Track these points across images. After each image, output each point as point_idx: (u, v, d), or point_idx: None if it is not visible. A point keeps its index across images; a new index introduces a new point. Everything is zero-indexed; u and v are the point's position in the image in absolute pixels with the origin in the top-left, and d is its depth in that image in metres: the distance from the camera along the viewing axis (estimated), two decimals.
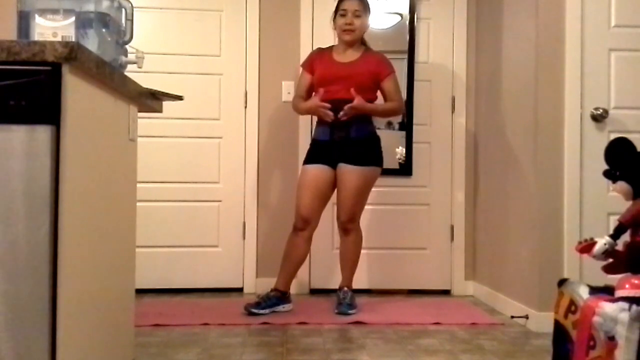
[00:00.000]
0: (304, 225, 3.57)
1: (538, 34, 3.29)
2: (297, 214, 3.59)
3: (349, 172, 3.55)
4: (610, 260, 2.22)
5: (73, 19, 2.05)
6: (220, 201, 4.21)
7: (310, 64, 3.74)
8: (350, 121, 3.51)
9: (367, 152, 3.59)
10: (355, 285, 3.76)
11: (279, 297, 3.56)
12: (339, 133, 3.55)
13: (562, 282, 2.35)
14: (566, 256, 3.23)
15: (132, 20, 2.37)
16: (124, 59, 2.33)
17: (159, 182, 4.13)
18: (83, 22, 2.07)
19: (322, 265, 4.19)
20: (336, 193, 3.63)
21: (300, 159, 3.92)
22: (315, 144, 3.68)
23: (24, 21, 2.08)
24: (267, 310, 3.48)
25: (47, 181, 1.57)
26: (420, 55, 4.30)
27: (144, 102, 2.35)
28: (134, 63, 2.39)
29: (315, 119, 3.85)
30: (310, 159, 3.65)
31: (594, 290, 2.19)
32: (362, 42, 3.74)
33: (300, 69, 3.82)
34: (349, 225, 3.63)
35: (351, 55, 3.67)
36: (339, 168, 3.58)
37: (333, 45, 3.79)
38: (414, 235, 4.29)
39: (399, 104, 3.68)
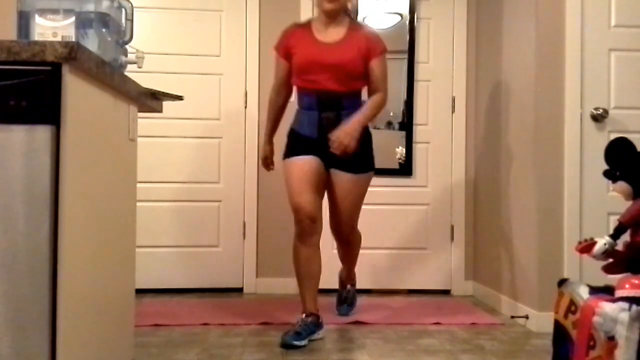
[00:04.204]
0: (312, 227, 3.03)
1: (538, 34, 3.29)
2: (301, 215, 3.02)
3: (346, 181, 3.11)
4: (610, 260, 2.22)
5: (73, 19, 2.05)
6: (220, 201, 4.21)
7: (285, 48, 3.14)
8: (340, 118, 3.02)
9: (362, 157, 3.11)
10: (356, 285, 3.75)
11: (315, 322, 3.05)
12: (329, 131, 2.99)
13: (562, 282, 2.35)
14: (566, 256, 3.23)
15: (132, 20, 2.37)
16: (124, 59, 2.33)
17: (159, 182, 4.13)
18: (83, 22, 2.07)
19: (322, 265, 4.18)
20: (330, 201, 3.21)
21: None
22: (298, 138, 3.13)
23: (24, 21, 2.08)
24: (306, 341, 2.93)
25: (47, 181, 1.57)
26: (420, 55, 4.30)
27: (144, 102, 2.35)
28: (134, 63, 2.39)
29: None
30: (295, 151, 3.10)
31: (594, 290, 2.19)
32: (346, 13, 3.16)
33: (275, 52, 3.23)
34: (350, 237, 3.32)
35: (335, 33, 3.08)
36: (333, 174, 3.12)
37: (311, 20, 3.22)
38: (414, 235, 4.29)
39: (384, 96, 3.12)
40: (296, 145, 3.11)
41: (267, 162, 3.32)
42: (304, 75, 3.07)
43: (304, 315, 3.05)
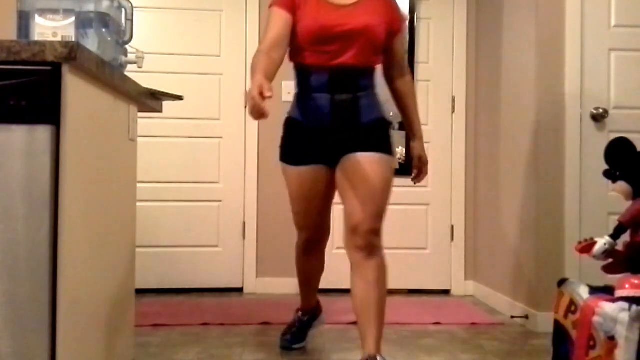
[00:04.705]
0: (318, 245, 2.76)
1: (538, 33, 3.29)
2: (306, 235, 2.71)
3: (370, 161, 2.39)
4: (610, 260, 2.23)
5: (73, 19, 2.05)
6: (220, 201, 4.21)
7: (290, 2, 2.42)
8: (357, 102, 2.45)
9: (384, 139, 2.48)
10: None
11: (314, 316, 2.97)
12: (345, 117, 2.43)
13: (562, 282, 2.36)
14: (566, 256, 3.23)
15: (132, 20, 2.37)
16: (124, 59, 2.33)
17: (159, 182, 4.14)
18: (83, 22, 2.08)
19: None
20: (347, 193, 2.41)
21: None
22: (301, 130, 2.51)
23: (24, 21, 2.09)
24: (306, 341, 2.93)
25: (47, 181, 1.57)
26: (420, 55, 4.30)
27: (144, 102, 2.35)
28: (134, 63, 2.39)
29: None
30: (296, 153, 2.52)
31: (594, 290, 2.19)
32: None
33: (272, 11, 2.45)
34: (374, 240, 2.36)
35: None
36: (347, 160, 2.42)
37: None
38: (414, 235, 4.29)
39: (411, 78, 2.70)
40: (299, 142, 2.51)
41: (261, 94, 2.03)
42: (316, 46, 2.41)
43: (300, 313, 2.95)
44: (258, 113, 2.05)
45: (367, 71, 2.49)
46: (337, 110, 2.43)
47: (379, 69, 2.59)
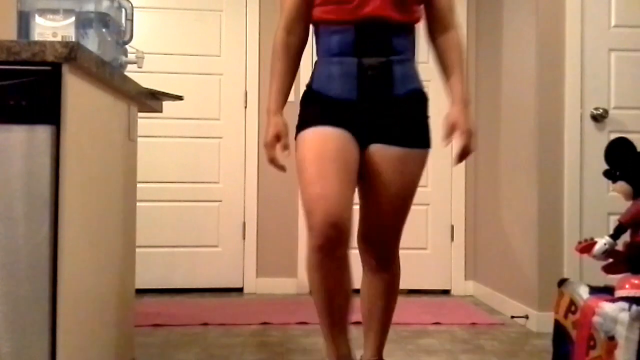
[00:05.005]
0: (339, 237, 1.85)
1: (538, 34, 3.29)
2: (322, 223, 1.83)
3: (395, 159, 2.01)
4: (610, 260, 2.23)
5: (73, 19, 2.05)
6: (220, 201, 4.21)
7: None
8: (390, 67, 1.99)
9: (419, 124, 2.13)
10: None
11: None
12: (375, 88, 1.98)
13: (562, 282, 2.36)
14: (566, 256, 3.23)
15: (132, 20, 2.37)
16: (124, 59, 2.33)
17: (159, 182, 4.14)
18: (83, 22, 2.08)
19: None
20: (364, 195, 2.07)
21: None
22: (321, 102, 2.00)
23: (24, 21, 2.09)
24: None
25: (47, 181, 1.57)
26: (420, 55, 4.28)
27: (144, 102, 2.35)
28: (134, 63, 2.39)
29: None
30: (316, 119, 1.98)
31: (594, 290, 2.19)
32: None
33: None
34: (390, 253, 2.15)
35: None
36: (374, 152, 2.01)
37: None
38: (414, 235, 4.29)
39: (458, 34, 2.14)
40: (318, 112, 1.99)
41: (279, 141, 1.95)
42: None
43: None
44: (275, 166, 1.96)
45: (403, 28, 2.02)
46: (365, 79, 1.97)
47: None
